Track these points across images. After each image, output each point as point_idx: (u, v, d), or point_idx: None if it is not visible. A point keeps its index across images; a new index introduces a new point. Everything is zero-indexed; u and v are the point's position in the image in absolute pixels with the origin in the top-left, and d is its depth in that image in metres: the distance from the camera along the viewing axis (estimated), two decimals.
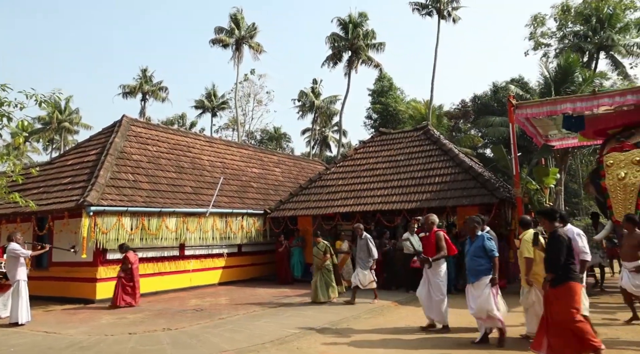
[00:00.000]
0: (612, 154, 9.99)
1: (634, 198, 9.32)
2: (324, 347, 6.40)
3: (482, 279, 6.31)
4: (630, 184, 9.42)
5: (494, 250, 6.35)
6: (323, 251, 10.37)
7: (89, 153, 13.35)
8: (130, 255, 10.55)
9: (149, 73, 44.75)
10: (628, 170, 9.53)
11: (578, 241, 5.97)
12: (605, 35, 29.08)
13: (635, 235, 7.40)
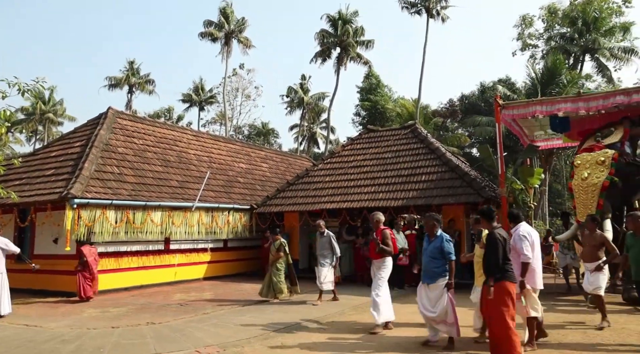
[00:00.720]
0: (581, 155, 10.04)
1: (595, 198, 9.27)
2: (309, 342, 6.42)
3: (438, 281, 6.10)
4: (592, 184, 9.36)
5: (451, 252, 6.13)
6: (277, 249, 10.02)
7: (73, 145, 13.16)
8: (84, 249, 10.40)
9: (135, 65, 44.18)
10: (592, 171, 9.47)
11: (518, 243, 5.80)
12: (591, 38, 29.51)
13: (596, 236, 7.42)
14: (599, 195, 9.20)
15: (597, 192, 9.23)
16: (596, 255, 7.30)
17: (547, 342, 6.15)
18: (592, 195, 9.33)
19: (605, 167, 9.37)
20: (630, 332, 6.72)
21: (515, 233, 5.93)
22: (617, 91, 10.87)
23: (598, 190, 9.22)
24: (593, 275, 7.18)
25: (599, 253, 7.32)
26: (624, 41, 30.74)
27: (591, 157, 9.68)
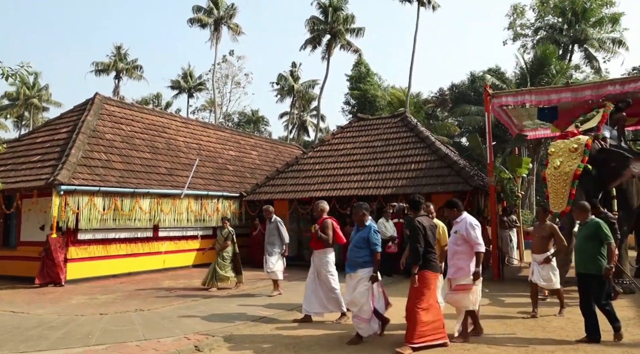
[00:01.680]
0: (555, 142, 9.63)
1: (568, 187, 8.85)
2: (300, 329, 6.47)
3: (358, 271, 5.84)
4: (564, 173, 8.95)
5: (377, 244, 5.88)
6: (225, 238, 9.81)
7: (59, 131, 12.97)
8: (50, 238, 10.42)
9: (123, 50, 43.48)
10: (564, 159, 9.06)
11: (471, 232, 5.66)
12: (580, 28, 29.65)
13: (546, 226, 7.19)
14: (571, 183, 8.80)
15: (570, 181, 8.82)
16: (545, 247, 7.13)
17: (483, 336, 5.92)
18: (564, 184, 8.91)
19: (578, 154, 8.97)
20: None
21: (465, 222, 5.78)
22: (606, 81, 10.99)
23: (570, 179, 8.81)
24: (543, 268, 7.05)
25: (548, 244, 7.14)
26: (613, 32, 30.94)
27: (564, 144, 9.25)
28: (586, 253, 5.79)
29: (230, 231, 9.91)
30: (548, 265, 7.04)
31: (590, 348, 5.39)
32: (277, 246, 9.21)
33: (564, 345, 5.50)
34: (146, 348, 5.43)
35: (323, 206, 7.20)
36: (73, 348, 5.47)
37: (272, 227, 9.34)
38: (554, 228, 7.16)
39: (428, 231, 5.43)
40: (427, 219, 5.62)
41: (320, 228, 6.93)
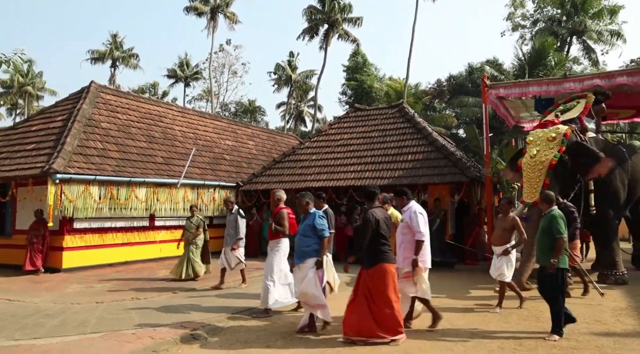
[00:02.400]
0: (534, 131, 9.38)
1: (542, 177, 8.52)
2: (294, 318, 6.51)
3: (306, 261, 5.70)
4: (540, 162, 8.63)
5: (324, 229, 5.73)
6: (196, 226, 9.55)
7: (55, 119, 12.88)
8: (43, 223, 10.62)
9: (119, 38, 43.07)
10: (541, 148, 8.76)
11: (414, 220, 5.64)
12: (579, 20, 29.54)
13: (508, 218, 7.03)
14: (546, 173, 8.47)
15: (544, 171, 8.50)
16: (506, 239, 6.99)
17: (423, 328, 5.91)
18: (539, 174, 8.57)
19: (555, 144, 8.67)
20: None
21: (410, 211, 5.77)
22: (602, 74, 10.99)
23: (545, 169, 8.49)
24: (499, 260, 6.92)
25: (509, 236, 6.99)
26: (612, 24, 30.84)
27: (543, 133, 8.98)
28: (544, 246, 5.66)
29: (202, 219, 9.73)
30: (506, 257, 6.90)
31: (582, 338, 5.45)
32: (233, 238, 8.69)
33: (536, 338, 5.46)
34: (142, 336, 5.45)
35: (280, 195, 7.03)
36: (69, 336, 5.48)
37: (231, 219, 8.78)
38: (515, 220, 6.96)
39: (382, 223, 5.29)
40: (381, 210, 5.50)
41: (274, 218, 6.75)
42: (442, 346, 5.17)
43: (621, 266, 9.37)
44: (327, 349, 5.09)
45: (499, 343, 5.24)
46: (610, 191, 9.42)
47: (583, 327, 5.95)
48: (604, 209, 9.30)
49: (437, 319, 5.90)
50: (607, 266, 9.38)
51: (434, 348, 5.11)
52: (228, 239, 8.76)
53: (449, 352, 4.96)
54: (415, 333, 5.68)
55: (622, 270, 9.31)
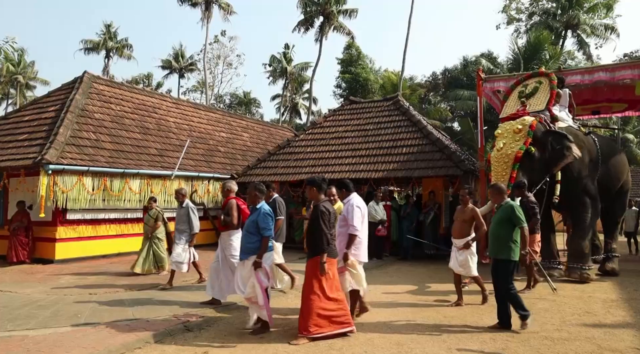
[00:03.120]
0: (503, 123, 9.12)
1: (509, 170, 8.30)
2: (288, 309, 6.53)
3: (250, 258, 5.37)
4: (506, 155, 8.42)
5: (266, 227, 5.33)
6: (154, 219, 9.10)
7: (47, 109, 12.75)
8: (25, 214, 10.61)
9: (113, 29, 42.64)
10: (507, 140, 8.53)
11: (351, 213, 5.48)
12: (573, 14, 29.57)
13: (467, 210, 6.70)
14: (512, 166, 8.26)
15: (510, 164, 8.28)
16: (466, 231, 6.69)
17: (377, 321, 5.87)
18: (505, 167, 8.36)
19: (521, 135, 8.42)
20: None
21: (349, 204, 5.60)
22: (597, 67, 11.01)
23: (511, 161, 8.28)
24: (461, 254, 6.65)
25: (469, 229, 6.69)
26: (607, 18, 30.91)
27: (510, 125, 8.72)
28: (499, 237, 5.54)
29: (160, 212, 9.30)
30: (467, 250, 6.63)
31: (573, 329, 5.50)
32: (185, 234, 8.05)
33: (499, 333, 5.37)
34: (136, 327, 5.44)
35: (229, 186, 6.81)
36: (62, 327, 5.47)
37: (182, 212, 8.10)
38: (475, 211, 6.65)
39: (332, 216, 5.19)
40: (329, 204, 5.36)
41: (224, 209, 6.57)
42: (435, 338, 5.20)
43: (590, 261, 8.94)
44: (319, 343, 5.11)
45: (491, 335, 5.29)
46: (584, 182, 9.06)
47: (574, 318, 6.01)
48: (582, 199, 9.00)
49: (363, 311, 5.95)
50: (576, 259, 8.89)
51: (427, 339, 5.14)
52: (177, 234, 8.08)
53: (441, 343, 4.99)
54: (410, 326, 5.70)
55: (588, 265, 8.82)
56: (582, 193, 9.05)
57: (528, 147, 8.30)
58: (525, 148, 8.30)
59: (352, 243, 5.50)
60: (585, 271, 8.64)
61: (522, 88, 9.65)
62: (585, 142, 9.20)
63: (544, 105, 9.09)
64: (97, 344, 4.86)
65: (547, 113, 9.09)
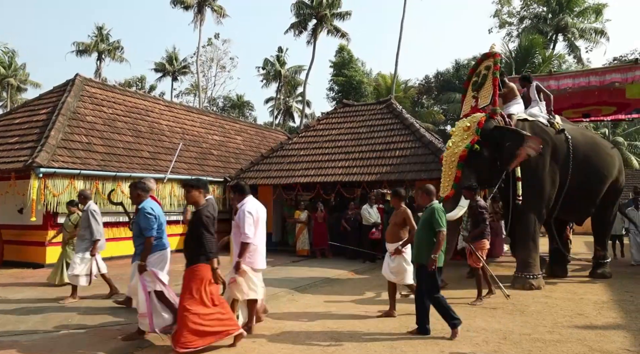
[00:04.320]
0: (458, 121, 8.70)
1: (454, 169, 7.87)
2: (282, 312, 6.51)
3: (136, 261, 5.23)
4: (453, 154, 7.99)
5: (148, 227, 5.07)
6: (74, 225, 8.05)
7: (38, 112, 12.66)
8: None
9: (105, 31, 42.46)
10: (457, 139, 8.12)
11: (242, 220, 5.21)
12: (563, 17, 29.92)
13: (399, 212, 6.25)
14: (457, 165, 7.85)
15: (456, 163, 7.87)
16: (398, 235, 6.20)
17: (368, 323, 5.83)
18: (452, 166, 7.94)
19: (469, 133, 7.96)
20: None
21: (240, 209, 5.29)
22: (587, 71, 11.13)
23: (456, 161, 7.87)
24: (393, 260, 6.17)
25: (401, 232, 6.21)
26: (596, 22, 31.28)
27: (462, 122, 8.32)
28: (421, 241, 5.31)
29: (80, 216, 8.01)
30: (400, 256, 6.11)
31: (565, 331, 5.53)
32: (86, 241, 7.23)
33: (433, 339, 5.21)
34: (127, 332, 5.40)
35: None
36: (52, 332, 5.41)
37: (83, 217, 7.29)
38: (406, 213, 6.18)
39: (214, 221, 4.87)
40: (213, 208, 4.98)
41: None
42: (428, 340, 5.21)
43: (535, 269, 8.23)
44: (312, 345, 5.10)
45: (484, 337, 5.30)
46: (533, 182, 8.34)
47: (566, 320, 6.05)
48: (524, 201, 8.26)
49: (257, 321, 5.60)
50: (519, 267, 8.33)
51: (420, 342, 5.15)
52: (78, 242, 7.32)
53: (434, 346, 5.00)
54: (402, 328, 5.71)
55: (534, 273, 8.17)
56: (531, 196, 8.30)
57: (474, 144, 7.78)
58: (470, 146, 7.80)
59: (245, 252, 5.18)
60: (529, 280, 8.05)
61: (476, 78, 8.89)
62: (551, 140, 8.55)
63: (489, 99, 8.35)
64: (88, 349, 4.82)
65: (498, 108, 8.38)
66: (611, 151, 9.87)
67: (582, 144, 9.00)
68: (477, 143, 7.79)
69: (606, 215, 9.93)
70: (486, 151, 7.88)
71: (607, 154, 9.54)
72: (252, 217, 5.25)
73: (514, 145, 7.73)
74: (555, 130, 8.77)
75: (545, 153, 8.28)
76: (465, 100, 9.19)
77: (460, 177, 7.75)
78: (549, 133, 8.63)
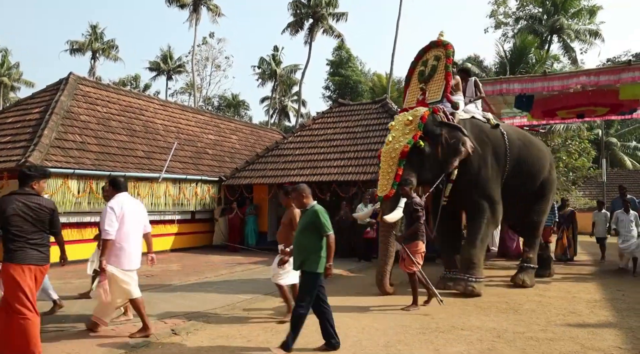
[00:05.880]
0: (398, 115, 8.18)
1: (395, 167, 7.34)
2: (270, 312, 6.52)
3: None
4: (393, 150, 7.44)
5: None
6: None
7: (31, 111, 12.58)
8: None
9: (99, 29, 42.27)
10: (397, 134, 7.56)
11: (102, 216, 5.09)
12: (557, 18, 30.08)
13: (289, 212, 5.95)
14: (398, 162, 7.30)
15: (396, 159, 7.32)
16: (288, 236, 5.77)
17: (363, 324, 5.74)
18: (391, 163, 7.40)
19: (411, 128, 7.44)
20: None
21: (107, 205, 5.16)
22: (580, 72, 11.20)
23: (397, 157, 7.32)
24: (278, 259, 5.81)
25: (292, 233, 5.56)
26: (591, 24, 31.47)
27: (403, 116, 7.77)
28: (303, 246, 4.73)
29: None
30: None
31: (558, 329, 5.56)
32: None
33: None
34: (121, 332, 5.39)
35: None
36: (46, 332, 5.38)
37: None
38: (293, 214, 5.86)
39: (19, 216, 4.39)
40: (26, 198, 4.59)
41: None
42: (423, 338, 5.22)
43: (479, 271, 7.61)
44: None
45: (478, 335, 5.33)
46: (482, 182, 7.84)
47: (559, 319, 6.09)
48: (478, 202, 7.79)
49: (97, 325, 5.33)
50: (463, 268, 7.72)
51: (415, 340, 5.16)
52: None
53: (429, 344, 5.02)
54: (397, 327, 5.72)
55: (478, 276, 7.55)
56: (479, 195, 7.82)
57: (417, 141, 7.28)
58: (413, 142, 7.28)
59: (106, 249, 5.02)
60: (470, 283, 7.40)
61: (422, 68, 8.27)
62: (490, 137, 8.08)
63: (440, 95, 7.84)
64: (82, 350, 4.79)
65: (447, 103, 7.89)
66: (543, 147, 9.44)
67: (516, 140, 8.49)
68: (420, 139, 7.33)
69: (535, 213, 9.06)
70: (428, 148, 7.42)
71: (538, 150, 9.05)
72: (115, 213, 5.08)
73: (457, 143, 7.35)
74: (490, 126, 8.31)
75: (486, 151, 7.89)
76: (410, 90, 8.54)
77: (402, 175, 7.20)
78: (486, 130, 8.16)
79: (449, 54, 7.83)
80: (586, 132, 25.50)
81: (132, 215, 5.30)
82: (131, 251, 5.26)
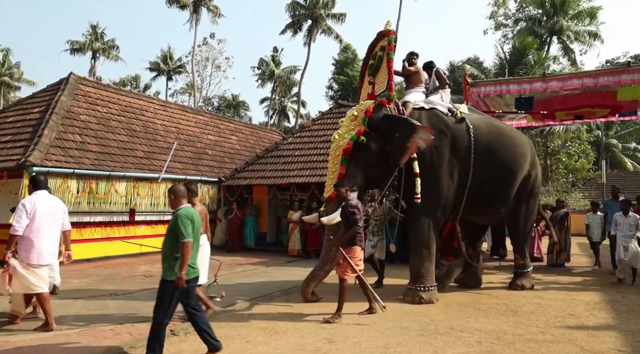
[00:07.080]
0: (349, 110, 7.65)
1: (338, 165, 6.89)
2: (264, 313, 6.51)
3: None
4: (338, 147, 6.98)
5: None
6: None
7: (31, 111, 12.58)
8: None
9: (99, 29, 42.27)
10: (342, 130, 7.13)
11: (16, 213, 5.28)
12: (557, 20, 30.12)
13: (202, 211, 5.88)
14: (341, 160, 6.83)
15: (340, 157, 6.87)
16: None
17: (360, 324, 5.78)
18: (336, 162, 6.94)
19: (355, 124, 6.98)
20: None
21: (20, 202, 5.39)
22: (580, 73, 11.21)
23: (341, 155, 6.87)
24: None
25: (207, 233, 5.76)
26: (591, 25, 31.50)
27: (350, 111, 7.36)
28: (166, 253, 4.42)
29: None
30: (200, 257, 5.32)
31: (557, 331, 5.56)
32: None
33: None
34: (120, 332, 5.39)
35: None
36: (44, 332, 5.38)
37: None
38: (204, 213, 5.75)
39: None
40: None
41: None
42: (422, 340, 5.22)
43: (428, 280, 7.13)
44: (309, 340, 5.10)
45: (477, 337, 5.33)
46: (428, 179, 7.18)
47: (558, 321, 6.09)
48: (415, 203, 7.11)
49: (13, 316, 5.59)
50: (412, 278, 7.22)
51: (414, 342, 5.16)
52: None
53: (428, 346, 5.01)
54: (396, 328, 5.72)
55: (427, 285, 7.10)
56: (425, 195, 7.11)
57: (360, 136, 6.79)
58: (356, 138, 6.79)
59: (11, 243, 5.26)
60: (418, 293, 7.01)
61: (372, 61, 7.80)
62: (450, 128, 7.48)
63: (384, 85, 7.35)
64: (81, 350, 4.79)
65: (392, 94, 7.38)
66: (521, 141, 8.47)
67: (486, 134, 7.75)
68: (363, 135, 6.79)
69: (520, 216, 8.46)
70: (374, 144, 6.86)
71: (514, 145, 8.15)
72: (26, 210, 5.26)
73: (404, 137, 6.69)
74: (454, 120, 7.67)
75: (443, 145, 7.28)
76: (363, 86, 8.09)
77: (345, 174, 6.73)
78: (446, 122, 7.52)
79: (390, 40, 7.42)
80: (586, 134, 25.52)
81: (46, 212, 5.41)
82: (41, 247, 5.37)
